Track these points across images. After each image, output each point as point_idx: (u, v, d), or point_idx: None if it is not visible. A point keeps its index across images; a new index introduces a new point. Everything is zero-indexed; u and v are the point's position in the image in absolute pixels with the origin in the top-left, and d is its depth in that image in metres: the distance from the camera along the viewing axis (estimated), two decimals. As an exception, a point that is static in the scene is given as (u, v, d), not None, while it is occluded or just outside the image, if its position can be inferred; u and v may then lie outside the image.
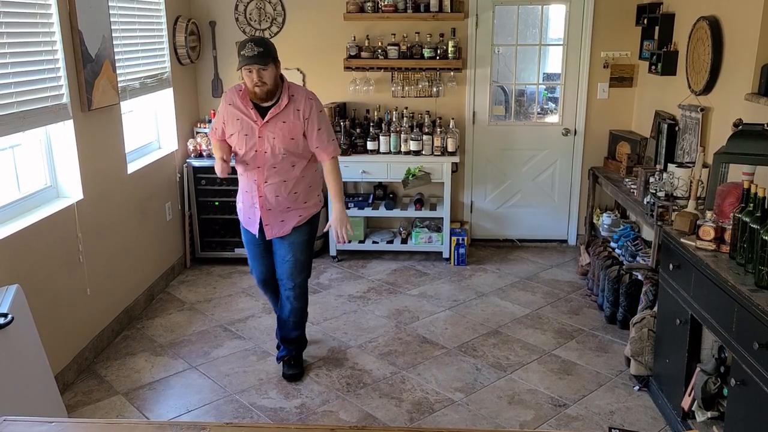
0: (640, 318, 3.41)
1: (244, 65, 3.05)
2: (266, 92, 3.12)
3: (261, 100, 3.15)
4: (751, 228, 2.41)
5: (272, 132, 3.17)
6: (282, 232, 3.30)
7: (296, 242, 3.35)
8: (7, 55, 2.99)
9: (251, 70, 3.05)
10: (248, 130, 3.18)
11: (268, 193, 3.24)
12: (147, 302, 4.42)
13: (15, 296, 2.73)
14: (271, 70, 3.08)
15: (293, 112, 3.18)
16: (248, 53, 3.03)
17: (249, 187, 3.27)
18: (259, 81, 3.07)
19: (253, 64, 3.03)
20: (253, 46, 3.04)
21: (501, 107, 5.54)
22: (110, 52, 3.84)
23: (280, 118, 3.17)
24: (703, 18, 3.78)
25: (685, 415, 2.87)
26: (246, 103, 3.18)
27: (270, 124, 3.16)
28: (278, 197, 3.24)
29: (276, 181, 3.23)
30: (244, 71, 3.09)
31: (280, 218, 3.28)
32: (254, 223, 3.32)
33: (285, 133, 3.18)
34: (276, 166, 3.21)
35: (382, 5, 4.95)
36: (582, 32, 5.14)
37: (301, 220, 3.33)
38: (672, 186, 3.60)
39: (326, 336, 3.98)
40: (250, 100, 3.17)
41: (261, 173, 3.21)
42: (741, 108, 3.32)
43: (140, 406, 3.25)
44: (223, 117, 3.25)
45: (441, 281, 4.84)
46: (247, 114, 3.18)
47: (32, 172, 3.44)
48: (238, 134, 3.19)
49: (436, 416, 3.17)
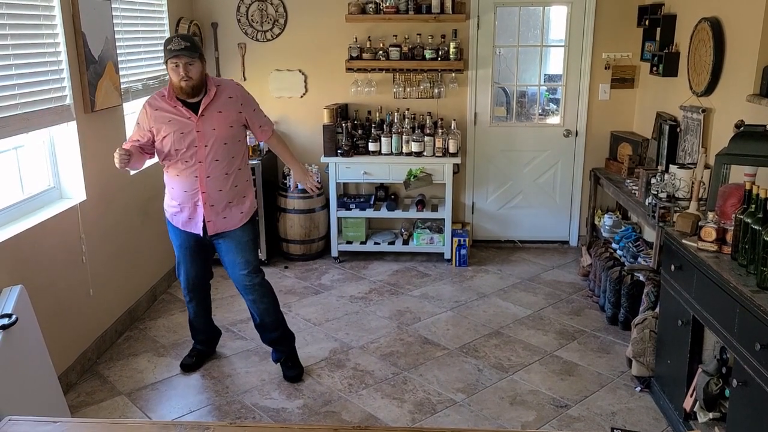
0: (641, 319, 3.41)
1: (171, 57, 3.05)
2: (192, 87, 3.11)
3: (187, 96, 3.14)
4: (752, 229, 2.42)
5: (210, 124, 3.18)
6: (225, 227, 3.30)
7: (242, 242, 3.36)
8: (10, 57, 3.00)
9: (178, 64, 3.06)
10: (184, 128, 3.16)
11: (210, 188, 3.23)
12: (150, 303, 4.43)
13: (19, 297, 2.74)
14: (197, 65, 3.11)
15: (226, 99, 3.22)
16: (175, 47, 3.04)
17: (188, 186, 3.23)
18: (186, 75, 3.07)
19: (181, 56, 3.04)
20: (180, 40, 3.07)
21: (502, 108, 5.55)
22: (113, 54, 3.85)
23: (215, 108, 3.19)
24: (705, 19, 3.78)
25: (687, 416, 2.88)
26: (174, 103, 3.16)
27: (206, 117, 3.17)
28: (221, 191, 3.25)
29: (218, 174, 3.22)
30: (170, 65, 3.08)
31: (222, 215, 3.29)
32: (196, 222, 3.29)
33: (223, 121, 3.20)
34: (218, 158, 3.21)
35: (384, 6, 4.96)
36: (583, 33, 5.15)
37: (243, 218, 3.34)
38: (673, 187, 3.60)
39: (328, 337, 3.99)
40: (177, 98, 3.16)
41: (203, 168, 3.20)
42: (742, 109, 3.32)
43: (143, 407, 3.26)
44: (149, 125, 3.19)
45: (442, 282, 4.85)
46: (178, 113, 3.16)
47: (36, 173, 3.45)
48: (174, 134, 3.16)
49: (438, 417, 3.18)
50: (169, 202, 3.37)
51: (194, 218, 3.30)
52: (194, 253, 3.44)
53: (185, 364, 3.62)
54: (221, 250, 3.38)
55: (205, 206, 3.25)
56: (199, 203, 3.25)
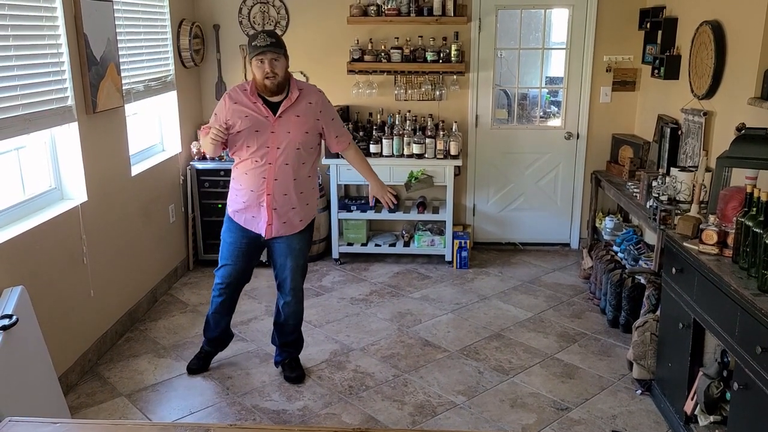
0: (642, 322, 3.41)
1: (257, 54, 3.01)
2: (277, 85, 3.08)
3: (271, 94, 3.11)
4: (754, 232, 2.41)
5: (286, 126, 3.13)
6: (283, 231, 3.28)
7: (297, 248, 3.35)
8: (12, 58, 3.00)
9: (263, 60, 3.02)
10: (259, 126, 3.12)
11: (276, 191, 3.19)
12: (150, 304, 4.43)
13: (19, 298, 2.74)
14: (282, 62, 3.08)
15: (305, 104, 3.17)
16: (261, 43, 3.00)
17: (256, 186, 3.19)
18: (271, 72, 3.03)
19: (267, 52, 3.00)
20: (266, 36, 3.03)
21: (504, 111, 5.55)
22: (115, 55, 3.86)
23: (294, 112, 3.14)
24: (706, 22, 3.78)
25: (688, 419, 2.87)
26: (254, 99, 3.12)
27: (283, 119, 3.13)
28: (286, 195, 3.21)
29: (286, 178, 3.19)
30: (254, 62, 3.04)
31: (283, 219, 3.26)
32: (257, 221, 3.26)
33: (300, 126, 3.15)
34: (288, 162, 3.17)
35: (386, 9, 4.96)
36: (585, 36, 5.15)
37: (302, 225, 3.32)
38: (675, 190, 3.60)
39: (328, 339, 3.99)
40: (258, 95, 3.13)
41: (272, 170, 3.16)
42: (744, 112, 3.32)
43: (143, 408, 3.26)
44: (225, 117, 3.16)
45: (443, 284, 4.85)
46: (257, 110, 3.12)
47: (37, 174, 3.45)
48: (248, 131, 3.13)
49: (439, 419, 3.17)
50: (234, 199, 3.31)
51: (258, 218, 3.25)
52: (244, 253, 3.39)
53: (192, 368, 3.59)
54: (275, 250, 3.35)
55: (269, 209, 3.20)
56: (263, 204, 3.21)
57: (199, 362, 3.61)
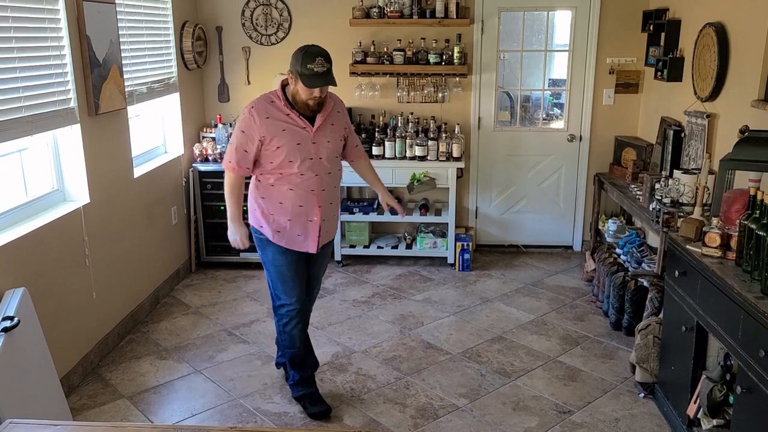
0: (645, 325, 3.40)
1: (313, 82, 2.81)
2: (319, 104, 2.94)
3: (312, 113, 2.97)
4: (757, 235, 2.41)
5: (325, 136, 3.01)
6: (324, 241, 3.16)
7: (328, 255, 3.30)
8: (15, 60, 3.01)
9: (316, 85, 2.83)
10: (300, 139, 2.94)
11: (324, 202, 3.06)
12: (152, 306, 4.43)
13: (21, 299, 2.75)
14: None
15: (336, 113, 3.10)
16: (319, 69, 2.80)
17: (304, 200, 3.01)
18: (319, 97, 2.90)
19: (325, 84, 2.84)
20: (323, 61, 2.82)
21: (506, 113, 5.54)
22: (117, 57, 3.87)
23: (329, 120, 3.04)
24: (710, 24, 3.77)
25: (691, 423, 2.86)
26: (288, 111, 2.93)
27: (321, 129, 2.99)
28: (332, 204, 3.13)
29: (331, 187, 3.10)
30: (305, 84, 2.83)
31: (326, 228, 3.14)
32: (303, 240, 3.07)
33: (335, 134, 3.08)
34: (330, 171, 3.06)
35: (388, 11, 4.96)
36: (588, 38, 5.14)
37: (335, 231, 3.27)
38: (678, 192, 3.59)
39: (330, 341, 3.98)
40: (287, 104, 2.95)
41: (319, 182, 3.02)
42: (747, 115, 3.31)
43: (145, 410, 3.26)
44: (259, 133, 2.91)
45: (446, 287, 4.84)
46: (293, 122, 2.94)
47: (39, 175, 3.46)
48: (288, 145, 2.93)
49: (440, 422, 3.16)
50: (272, 219, 3.04)
51: (306, 235, 3.06)
52: (302, 269, 3.16)
53: (323, 411, 3.20)
54: (318, 258, 3.20)
55: (320, 222, 3.07)
56: (313, 218, 3.05)
57: (320, 403, 3.24)
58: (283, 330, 3.21)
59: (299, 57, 2.84)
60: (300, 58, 2.83)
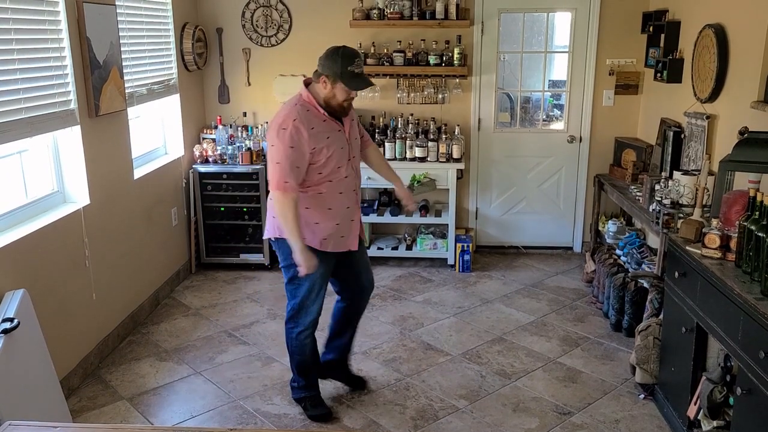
0: (645, 326, 3.40)
1: (361, 87, 2.81)
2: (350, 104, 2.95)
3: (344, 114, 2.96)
4: (757, 236, 2.41)
5: (353, 133, 3.03)
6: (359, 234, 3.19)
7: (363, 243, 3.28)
8: (15, 62, 3.01)
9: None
10: (341, 142, 2.92)
11: (359, 198, 3.10)
12: (152, 307, 4.43)
13: (21, 301, 2.75)
14: None
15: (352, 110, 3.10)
16: (359, 70, 2.79)
17: (350, 201, 3.00)
18: (354, 97, 2.90)
19: (369, 85, 2.86)
20: (361, 62, 2.81)
21: (506, 114, 5.54)
22: (118, 59, 3.87)
23: (350, 117, 3.04)
24: (709, 26, 3.78)
25: (691, 424, 2.86)
26: (324, 117, 2.86)
27: (348, 127, 3.00)
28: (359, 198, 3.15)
29: (359, 183, 3.12)
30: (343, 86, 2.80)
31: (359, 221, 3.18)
32: (346, 239, 3.04)
33: (357, 130, 3.11)
34: (358, 167, 3.09)
35: (388, 12, 4.97)
36: (587, 39, 5.15)
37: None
38: (677, 193, 3.59)
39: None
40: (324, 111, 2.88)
41: (357, 179, 3.06)
42: (747, 116, 3.31)
43: (144, 412, 3.26)
44: (310, 147, 2.80)
45: (446, 288, 4.84)
46: (331, 127, 2.88)
47: (39, 177, 3.46)
48: (337, 152, 2.89)
49: (440, 423, 3.16)
50: (320, 227, 2.94)
51: (347, 235, 3.04)
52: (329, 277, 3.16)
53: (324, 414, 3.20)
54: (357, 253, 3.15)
55: (359, 218, 3.11)
56: (355, 217, 3.06)
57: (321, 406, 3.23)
58: (296, 338, 3.12)
59: (336, 59, 2.77)
60: (338, 61, 2.77)
